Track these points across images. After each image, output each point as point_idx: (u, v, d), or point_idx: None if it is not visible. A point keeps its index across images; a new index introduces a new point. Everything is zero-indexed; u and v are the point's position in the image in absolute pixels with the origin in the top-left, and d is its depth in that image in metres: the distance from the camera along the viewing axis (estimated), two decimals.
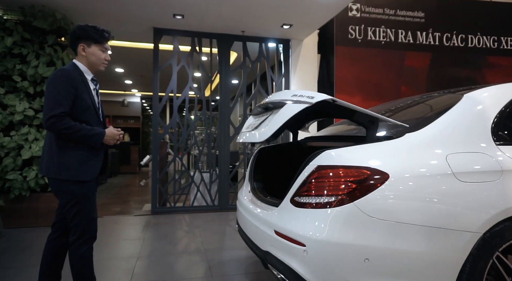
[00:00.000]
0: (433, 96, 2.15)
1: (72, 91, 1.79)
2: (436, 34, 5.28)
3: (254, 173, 2.50)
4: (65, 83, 1.78)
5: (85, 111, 1.85)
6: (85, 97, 1.84)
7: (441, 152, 1.54)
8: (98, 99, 1.99)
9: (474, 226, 1.44)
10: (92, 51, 1.90)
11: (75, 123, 1.77)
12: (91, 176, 1.86)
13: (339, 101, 1.57)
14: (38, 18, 3.59)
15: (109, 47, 1.99)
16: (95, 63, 1.93)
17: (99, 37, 1.90)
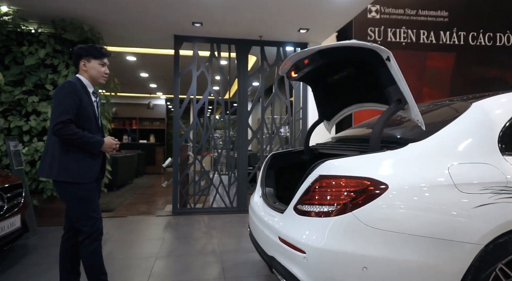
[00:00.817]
0: (443, 104, 2.13)
1: (77, 100, 1.97)
2: (461, 33, 5.10)
3: (265, 179, 2.57)
4: (71, 93, 1.96)
5: (87, 120, 2.03)
6: (88, 108, 2.03)
7: (443, 163, 1.54)
8: (98, 111, 2.19)
9: (475, 237, 1.43)
10: (92, 65, 2.09)
11: (78, 130, 1.95)
12: (89, 178, 2.02)
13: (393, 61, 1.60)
14: (68, 30, 3.85)
15: (107, 62, 2.17)
16: (95, 76, 2.11)
17: (98, 53, 2.10)
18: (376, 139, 1.68)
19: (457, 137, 1.63)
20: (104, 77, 2.16)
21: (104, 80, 2.17)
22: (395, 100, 1.68)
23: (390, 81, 1.66)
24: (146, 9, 3.73)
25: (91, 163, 2.04)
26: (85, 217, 2.00)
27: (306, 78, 2.36)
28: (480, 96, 2.00)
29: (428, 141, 1.62)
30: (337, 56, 1.80)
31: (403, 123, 2.23)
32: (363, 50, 1.65)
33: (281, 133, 5.20)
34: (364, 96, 2.20)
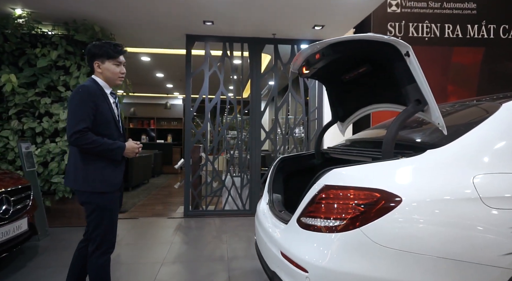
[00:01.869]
0: (468, 105, 1.91)
1: (93, 106, 1.85)
2: (490, 26, 4.74)
3: (273, 184, 2.43)
4: (86, 99, 1.84)
5: (106, 125, 1.91)
6: (105, 111, 1.91)
7: (467, 173, 1.35)
8: (118, 112, 2.05)
9: (506, 260, 1.24)
10: (106, 66, 1.95)
11: (97, 138, 1.84)
12: (112, 187, 1.91)
13: (413, 56, 1.44)
14: (79, 31, 3.85)
15: (123, 60, 2.01)
16: (111, 78, 1.98)
17: (112, 52, 1.95)
18: (389, 145, 1.51)
19: (483, 143, 1.43)
20: (120, 78, 2.02)
21: (121, 80, 2.03)
22: (413, 100, 1.50)
23: (409, 79, 1.48)
24: (156, 8, 3.66)
25: (115, 171, 1.93)
26: (102, 227, 1.89)
27: (319, 75, 2.19)
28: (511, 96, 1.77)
29: (450, 148, 1.43)
30: (351, 51, 1.63)
31: (421, 126, 2.03)
32: (379, 44, 1.47)
33: (296, 134, 5.03)
34: (381, 96, 2.01)
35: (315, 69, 1.98)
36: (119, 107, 2.11)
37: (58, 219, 3.86)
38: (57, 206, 3.87)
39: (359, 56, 1.79)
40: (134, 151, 1.99)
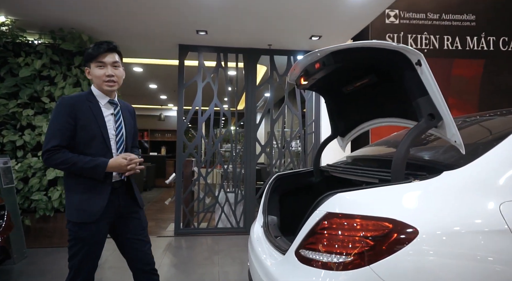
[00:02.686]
0: (480, 120, 1.74)
1: (70, 121, 1.61)
2: (490, 38, 4.66)
3: (268, 204, 2.22)
4: (62, 112, 1.62)
5: (89, 142, 1.65)
6: (89, 126, 1.64)
7: (493, 199, 1.16)
8: (118, 125, 1.76)
9: None
10: (91, 71, 1.70)
11: (71, 156, 1.59)
12: (87, 217, 1.62)
13: (425, 65, 1.27)
14: (66, 40, 3.68)
15: (110, 60, 1.68)
16: (97, 84, 1.70)
17: (92, 51, 1.67)
18: (400, 165, 1.32)
19: (508, 164, 1.25)
20: (107, 83, 1.68)
21: (108, 86, 1.69)
22: (426, 115, 1.32)
23: (421, 90, 1.31)
24: (148, 17, 3.51)
25: (94, 197, 1.64)
26: (76, 259, 1.64)
27: (318, 86, 2.02)
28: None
29: (470, 169, 1.24)
30: (354, 59, 1.46)
31: (431, 142, 1.86)
32: (387, 52, 1.31)
33: (292, 148, 4.84)
34: (387, 109, 1.84)
35: (314, 80, 1.81)
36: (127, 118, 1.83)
37: (38, 239, 3.60)
38: (38, 225, 3.61)
39: (363, 65, 1.62)
40: (123, 168, 1.67)
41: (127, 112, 1.87)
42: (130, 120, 1.88)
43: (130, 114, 1.90)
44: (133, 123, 1.92)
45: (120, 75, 1.76)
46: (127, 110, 1.88)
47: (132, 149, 1.90)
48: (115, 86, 1.73)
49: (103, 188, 1.66)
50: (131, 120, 1.88)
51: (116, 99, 1.80)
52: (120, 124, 1.77)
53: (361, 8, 3.29)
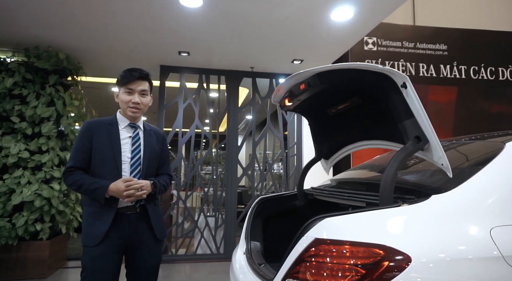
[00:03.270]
0: (461, 143, 1.76)
1: (86, 142, 1.69)
2: (461, 67, 4.90)
3: (251, 230, 2.12)
4: (80, 135, 1.72)
5: (101, 164, 1.69)
6: (102, 148, 1.69)
7: (483, 224, 1.13)
8: (134, 148, 1.76)
9: None
10: (120, 95, 1.75)
11: (81, 177, 1.65)
12: (89, 241, 1.62)
13: (410, 88, 1.27)
14: (42, 58, 3.55)
15: (139, 88, 1.73)
16: (122, 108, 1.76)
17: (121, 78, 1.73)
18: (388, 189, 1.28)
19: (496, 187, 1.23)
20: (131, 109, 1.73)
21: (132, 112, 1.74)
22: (412, 137, 1.30)
23: (407, 113, 1.30)
24: (128, 36, 3.47)
25: (98, 220, 1.64)
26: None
27: (302, 108, 1.99)
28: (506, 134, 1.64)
29: (458, 193, 1.22)
30: (340, 81, 1.44)
31: (416, 165, 1.85)
32: (372, 74, 1.30)
33: (274, 170, 4.79)
34: (372, 131, 1.83)
35: (299, 101, 1.78)
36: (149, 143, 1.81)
37: (1, 271, 3.28)
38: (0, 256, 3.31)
39: (348, 87, 1.61)
40: (121, 194, 1.61)
41: (153, 137, 1.86)
42: (153, 145, 1.84)
43: (156, 139, 1.88)
44: (159, 148, 1.88)
45: (146, 102, 1.80)
46: (153, 135, 1.87)
47: (159, 176, 1.88)
48: (138, 113, 1.77)
49: (107, 213, 1.65)
50: (154, 145, 1.85)
51: (139, 123, 1.82)
52: (137, 147, 1.77)
53: (341, 34, 3.39)
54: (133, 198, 1.65)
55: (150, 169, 1.81)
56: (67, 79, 3.89)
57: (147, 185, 1.69)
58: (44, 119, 3.51)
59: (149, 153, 1.79)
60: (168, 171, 1.96)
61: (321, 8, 2.85)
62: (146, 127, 1.87)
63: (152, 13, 2.98)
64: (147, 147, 1.80)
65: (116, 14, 3.00)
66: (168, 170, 1.97)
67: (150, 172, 1.80)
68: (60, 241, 3.75)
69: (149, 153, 1.79)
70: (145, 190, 1.68)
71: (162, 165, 1.92)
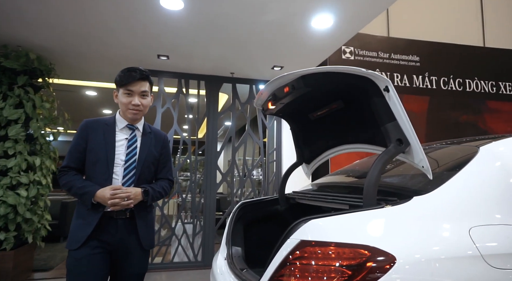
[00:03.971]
0: (437, 147, 1.82)
1: (81, 142, 1.65)
2: (432, 78, 5.13)
3: (232, 235, 2.08)
4: (76, 134, 1.67)
5: (93, 165, 1.63)
6: (95, 149, 1.63)
7: (463, 224, 1.17)
8: (130, 150, 1.69)
9: None
10: (119, 96, 1.70)
11: (72, 179, 1.61)
12: (72, 244, 1.58)
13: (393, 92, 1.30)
14: (10, 58, 3.38)
15: (139, 90, 1.67)
16: (122, 110, 1.70)
17: (119, 79, 1.66)
18: (372, 191, 1.29)
19: (473, 189, 1.28)
20: (131, 111, 1.67)
21: (132, 114, 1.68)
22: (394, 140, 1.33)
23: (389, 116, 1.33)
24: (107, 38, 3.37)
25: (81, 224, 1.60)
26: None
27: (284, 112, 2.00)
28: (480, 139, 1.71)
29: (438, 194, 1.25)
30: (324, 84, 1.46)
31: (396, 167, 1.90)
32: (356, 77, 1.32)
33: (254, 176, 4.77)
34: (354, 135, 1.85)
35: (282, 105, 1.79)
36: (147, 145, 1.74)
37: None
38: None
39: (331, 90, 1.63)
40: (106, 201, 1.55)
41: (152, 140, 1.79)
42: (151, 148, 1.77)
43: (156, 142, 1.81)
44: (158, 152, 1.81)
45: (147, 104, 1.74)
46: (152, 137, 1.80)
47: (158, 181, 1.82)
48: (138, 114, 1.72)
49: (93, 216, 1.60)
50: (152, 148, 1.77)
51: (138, 125, 1.76)
52: (133, 150, 1.70)
53: (321, 42, 3.46)
54: (119, 207, 1.58)
55: (146, 174, 1.74)
56: (37, 80, 3.71)
57: (136, 194, 1.62)
58: (11, 121, 3.32)
59: (145, 156, 1.72)
60: (169, 175, 1.89)
61: (302, 15, 2.91)
62: (146, 129, 1.80)
63: (131, 14, 2.91)
64: (143, 150, 1.72)
65: (92, 14, 2.91)
66: (169, 175, 1.89)
67: (145, 177, 1.74)
68: (26, 251, 3.52)
69: (145, 157, 1.72)
70: (133, 199, 1.61)
71: (162, 170, 1.85)
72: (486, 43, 5.66)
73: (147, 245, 1.71)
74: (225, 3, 2.72)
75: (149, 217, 1.77)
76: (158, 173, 1.84)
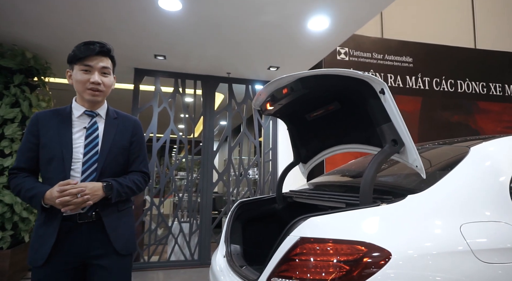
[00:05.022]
0: (429, 148, 1.89)
1: (32, 139, 1.40)
2: (425, 78, 5.22)
3: (231, 233, 2.12)
4: (27, 131, 1.42)
5: (47, 164, 1.38)
6: (50, 145, 1.38)
7: (454, 221, 1.22)
8: (89, 141, 1.42)
9: None
10: (74, 74, 1.42)
11: (21, 182, 1.36)
12: (35, 261, 1.34)
13: (388, 94, 1.34)
14: (6, 57, 3.37)
15: (99, 65, 1.41)
16: (78, 91, 1.42)
17: (78, 52, 1.39)
18: (368, 190, 1.35)
19: (464, 187, 1.34)
20: (90, 90, 1.40)
21: (91, 94, 1.41)
22: (389, 140, 1.39)
23: (384, 118, 1.38)
24: (101, 36, 3.37)
25: (41, 235, 1.35)
26: None
27: (282, 112, 2.04)
28: (471, 140, 1.78)
29: (431, 193, 1.31)
30: (321, 86, 1.51)
31: (391, 167, 1.96)
32: (352, 80, 1.37)
33: (249, 176, 4.81)
34: (350, 135, 1.91)
35: (280, 105, 1.84)
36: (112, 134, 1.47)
37: None
38: None
39: (328, 92, 1.68)
40: (54, 201, 1.28)
41: (118, 126, 1.51)
42: (117, 136, 1.49)
43: (124, 129, 1.53)
44: (127, 140, 1.53)
45: (109, 83, 1.47)
46: (119, 124, 1.52)
47: (129, 174, 1.53)
48: (99, 96, 1.44)
49: (51, 224, 1.35)
50: (119, 136, 1.50)
51: (100, 110, 1.48)
52: (92, 141, 1.42)
53: (317, 43, 3.51)
54: (72, 207, 1.29)
55: (112, 167, 1.46)
56: (33, 79, 3.70)
57: (93, 189, 1.34)
58: (7, 120, 3.32)
59: (110, 147, 1.45)
60: (142, 167, 1.59)
61: (298, 17, 2.95)
62: (111, 115, 1.52)
63: (129, 14, 2.93)
64: (106, 139, 1.45)
65: (89, 13, 2.92)
66: (142, 166, 1.59)
67: (112, 171, 1.45)
68: (23, 250, 3.52)
69: (110, 147, 1.45)
70: (90, 195, 1.32)
71: (134, 161, 1.56)
72: (478, 44, 5.78)
73: (123, 250, 1.43)
74: (222, 5, 2.76)
75: (124, 217, 1.49)
76: (130, 165, 1.55)
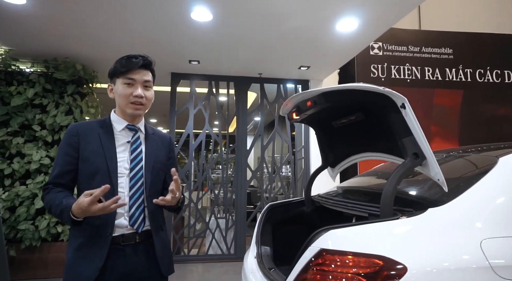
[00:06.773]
0: (457, 156, 1.86)
1: (71, 152, 1.30)
2: (467, 70, 4.94)
3: (261, 235, 2.26)
4: (64, 143, 1.33)
5: (90, 179, 1.29)
6: (93, 158, 1.30)
7: (474, 236, 1.24)
8: (134, 156, 1.37)
9: None
10: (116, 88, 1.36)
11: (53, 197, 1.25)
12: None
13: (409, 108, 1.38)
14: (60, 69, 3.74)
15: (141, 79, 1.34)
16: (120, 104, 1.37)
17: (119, 66, 1.33)
18: (388, 202, 1.40)
19: (488, 201, 1.34)
20: (133, 104, 1.34)
21: (134, 108, 1.34)
22: (411, 154, 1.42)
23: (405, 131, 1.42)
24: (141, 47, 3.62)
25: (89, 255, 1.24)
26: None
27: (309, 120, 2.12)
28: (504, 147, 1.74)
29: (453, 206, 1.33)
30: (344, 100, 1.57)
31: (416, 176, 1.96)
32: (374, 94, 1.42)
33: (282, 173, 4.91)
34: (375, 144, 1.94)
35: (306, 115, 1.91)
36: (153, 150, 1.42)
37: (22, 270, 3.49)
38: (23, 256, 3.51)
39: (352, 104, 1.73)
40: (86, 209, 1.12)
41: (157, 142, 1.47)
42: (158, 152, 1.45)
43: (162, 145, 1.49)
44: (165, 156, 1.49)
45: (151, 97, 1.40)
46: (157, 140, 1.48)
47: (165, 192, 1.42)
48: (141, 109, 1.38)
49: (97, 245, 1.24)
50: (159, 152, 1.46)
51: (139, 125, 1.43)
52: (137, 155, 1.37)
53: (346, 43, 3.49)
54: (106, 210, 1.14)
55: (156, 184, 1.41)
56: (83, 88, 4.06)
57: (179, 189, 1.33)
58: (63, 127, 3.70)
59: (153, 162, 1.40)
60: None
61: (326, 21, 2.96)
62: (148, 130, 1.48)
63: (166, 26, 3.12)
64: (150, 155, 1.40)
65: (132, 27, 3.15)
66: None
67: (155, 187, 1.40)
68: None
69: (153, 163, 1.40)
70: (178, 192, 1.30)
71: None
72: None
73: (166, 271, 1.42)
74: (251, 14, 2.85)
75: (165, 236, 1.45)
76: (166, 181, 1.48)
